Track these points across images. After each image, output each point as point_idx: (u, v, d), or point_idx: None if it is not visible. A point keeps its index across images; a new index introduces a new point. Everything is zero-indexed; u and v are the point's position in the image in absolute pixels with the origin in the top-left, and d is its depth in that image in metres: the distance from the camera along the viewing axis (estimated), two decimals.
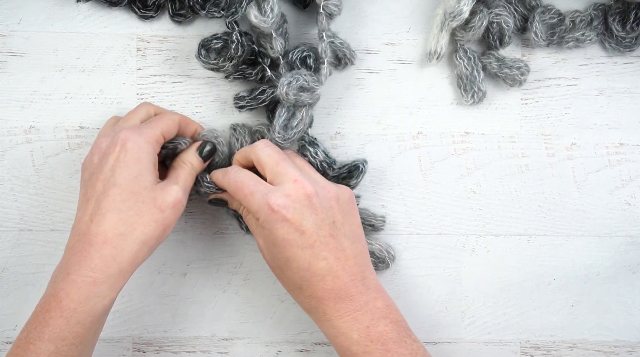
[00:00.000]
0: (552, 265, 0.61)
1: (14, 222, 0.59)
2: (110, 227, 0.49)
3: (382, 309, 0.51)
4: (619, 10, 0.59)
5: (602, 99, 0.61)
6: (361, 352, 0.50)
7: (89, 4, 0.59)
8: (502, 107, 0.61)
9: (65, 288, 0.49)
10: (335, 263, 0.51)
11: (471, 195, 0.61)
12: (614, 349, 0.62)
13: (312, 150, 0.56)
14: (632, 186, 0.61)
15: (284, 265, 0.51)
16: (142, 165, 0.51)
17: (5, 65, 0.59)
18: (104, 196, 0.50)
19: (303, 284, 0.51)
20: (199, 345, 0.60)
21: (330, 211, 0.52)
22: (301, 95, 0.54)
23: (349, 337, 0.50)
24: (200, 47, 0.57)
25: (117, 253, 0.49)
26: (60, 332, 0.48)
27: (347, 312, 0.50)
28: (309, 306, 0.52)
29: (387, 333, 0.50)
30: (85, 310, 0.49)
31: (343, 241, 0.52)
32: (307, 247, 0.50)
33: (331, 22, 0.57)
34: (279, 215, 0.50)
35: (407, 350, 0.50)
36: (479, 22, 0.57)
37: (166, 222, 0.51)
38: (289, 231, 0.50)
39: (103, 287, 0.49)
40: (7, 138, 0.59)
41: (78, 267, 0.49)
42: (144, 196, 0.50)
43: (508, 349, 0.61)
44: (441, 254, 0.61)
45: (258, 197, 0.51)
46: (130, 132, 0.51)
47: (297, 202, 0.50)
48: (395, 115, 0.61)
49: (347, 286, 0.51)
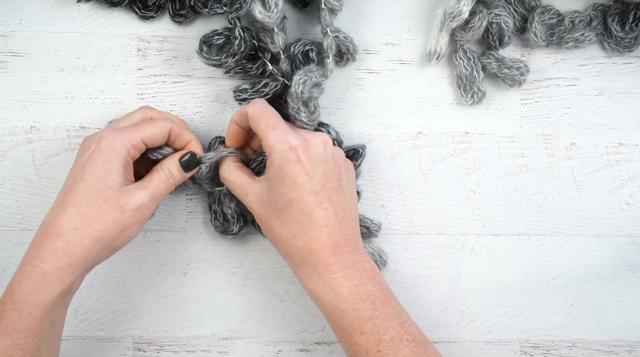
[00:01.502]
0: (551, 265, 0.61)
1: (14, 221, 0.60)
2: (67, 221, 0.49)
3: (369, 270, 0.52)
4: (618, 11, 0.59)
5: (601, 99, 0.61)
6: (350, 309, 0.50)
7: (90, 4, 0.59)
8: (502, 107, 0.61)
9: (18, 279, 0.49)
10: (333, 217, 0.51)
11: (471, 195, 0.61)
12: (613, 349, 0.62)
13: (324, 130, 0.58)
14: (631, 186, 0.61)
15: (285, 207, 0.51)
16: (112, 165, 0.51)
17: (6, 66, 0.59)
18: (69, 190, 0.50)
19: (299, 230, 0.51)
20: (199, 344, 0.61)
21: (339, 168, 0.53)
22: (312, 92, 0.55)
23: (338, 294, 0.51)
24: (202, 43, 0.57)
25: (68, 246, 0.49)
26: (14, 325, 0.48)
27: (337, 268, 0.51)
28: (299, 258, 0.52)
29: (375, 293, 0.51)
30: (35, 301, 0.48)
31: (344, 200, 0.52)
32: (312, 193, 0.51)
33: (334, 18, 0.57)
34: (294, 153, 0.51)
35: (393, 310, 0.51)
36: (479, 22, 0.58)
37: (125, 223, 0.51)
38: (299, 173, 0.51)
39: (52, 279, 0.49)
40: (8, 138, 0.59)
41: (31, 258, 0.49)
42: (107, 194, 0.50)
43: (508, 349, 0.61)
44: (441, 253, 0.61)
45: (279, 133, 0.52)
46: (108, 132, 0.52)
47: (313, 146, 0.52)
48: (395, 115, 0.61)
49: (340, 243, 0.51)
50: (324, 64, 0.57)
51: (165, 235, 0.60)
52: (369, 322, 0.50)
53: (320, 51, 0.57)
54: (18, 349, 0.48)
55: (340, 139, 0.59)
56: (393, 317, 0.51)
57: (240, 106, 0.58)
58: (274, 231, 0.52)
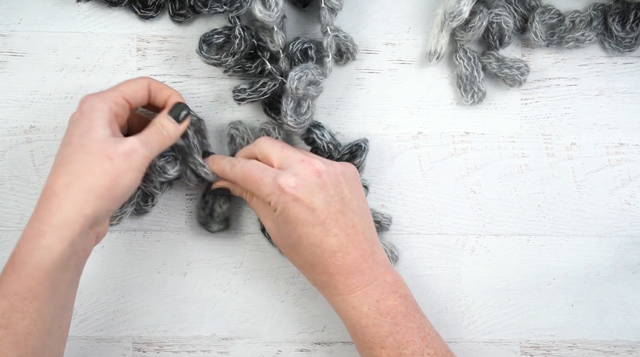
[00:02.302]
0: (552, 265, 0.61)
1: (14, 221, 0.59)
2: (57, 179, 0.49)
3: (391, 283, 0.52)
4: (619, 11, 0.59)
5: (602, 99, 0.61)
6: (371, 325, 0.51)
7: (89, 4, 0.59)
8: (502, 107, 0.61)
9: (18, 243, 0.49)
10: (345, 239, 0.51)
11: (471, 195, 0.61)
12: (613, 349, 0.62)
13: (318, 132, 0.57)
14: (632, 186, 0.61)
15: (295, 243, 0.52)
16: (94, 121, 0.50)
17: (5, 65, 0.59)
18: (58, 155, 0.50)
19: (315, 260, 0.52)
20: (199, 345, 0.61)
21: (339, 186, 0.53)
22: (309, 89, 0.55)
23: (359, 310, 0.51)
24: (202, 42, 0.57)
25: (62, 203, 0.48)
26: (13, 287, 0.47)
27: (357, 287, 0.51)
28: (320, 282, 0.53)
29: (397, 307, 0.51)
30: (34, 262, 0.47)
31: (352, 216, 0.52)
32: (318, 224, 0.51)
33: (334, 18, 0.57)
34: (289, 195, 0.51)
35: (415, 324, 0.51)
36: (479, 22, 0.57)
37: (117, 171, 0.49)
38: (300, 210, 0.51)
39: (49, 238, 0.48)
40: (7, 138, 0.59)
41: (29, 222, 0.49)
42: (92, 147, 0.50)
43: (508, 349, 0.61)
44: (441, 254, 0.61)
45: (268, 182, 0.52)
46: (88, 96, 0.52)
47: (306, 180, 0.51)
48: (395, 115, 0.61)
49: (357, 261, 0.52)
50: (323, 63, 0.56)
51: (165, 235, 0.60)
52: (389, 337, 0.51)
53: (319, 49, 0.57)
54: (16, 311, 0.47)
55: (336, 141, 0.58)
56: (415, 331, 0.51)
57: (238, 105, 0.59)
58: (293, 260, 0.54)
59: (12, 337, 0.47)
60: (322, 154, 0.57)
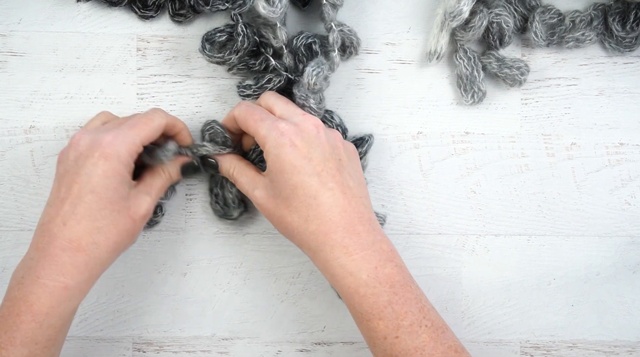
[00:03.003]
0: (552, 265, 0.61)
1: (14, 221, 0.59)
2: (85, 235, 0.49)
3: (387, 251, 0.51)
4: (619, 10, 0.59)
5: (602, 99, 0.61)
6: (369, 294, 0.49)
7: (89, 4, 0.59)
8: (502, 107, 0.61)
9: (36, 292, 0.48)
10: (341, 196, 0.50)
11: (471, 195, 0.61)
12: (613, 349, 0.62)
13: (327, 116, 0.58)
14: (632, 186, 0.61)
15: (291, 194, 0.50)
16: (121, 176, 0.51)
17: (5, 65, 0.59)
18: (79, 200, 0.50)
19: (310, 213, 0.50)
20: (199, 345, 0.60)
21: (337, 149, 0.52)
22: (323, 84, 0.55)
23: (357, 278, 0.49)
24: (204, 41, 0.57)
25: (90, 261, 0.50)
26: (33, 337, 0.48)
27: (355, 250, 0.50)
28: (315, 243, 0.50)
29: (394, 276, 0.50)
30: (57, 314, 0.49)
31: (348, 179, 0.52)
32: (314, 174, 0.50)
33: (336, 14, 0.57)
34: (287, 139, 0.50)
35: (412, 294, 0.50)
36: (479, 22, 0.57)
37: (135, 231, 0.52)
38: (297, 157, 0.50)
39: (74, 291, 0.50)
40: (7, 138, 0.59)
41: (49, 272, 0.49)
42: (120, 205, 0.51)
43: (508, 349, 0.61)
44: (441, 254, 0.61)
45: (268, 123, 0.52)
46: (112, 138, 0.50)
47: (305, 131, 0.51)
48: (395, 115, 0.61)
49: (354, 221, 0.50)
50: (329, 58, 0.56)
51: (165, 235, 0.60)
52: (387, 307, 0.49)
53: (323, 44, 0.57)
54: None
55: (344, 126, 0.59)
56: (412, 302, 0.49)
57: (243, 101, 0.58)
58: (286, 221, 0.51)
59: None
60: None
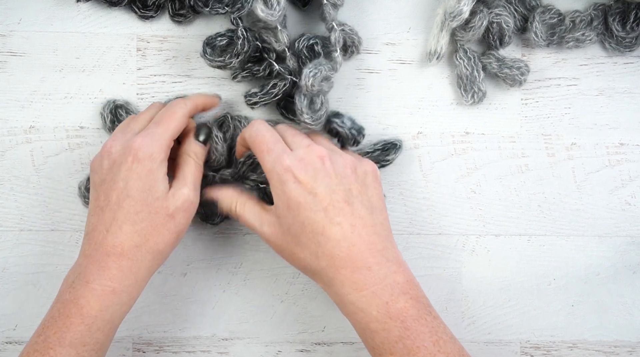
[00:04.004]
0: (552, 265, 0.61)
1: (14, 222, 0.59)
2: (126, 239, 0.50)
3: (402, 284, 0.50)
4: (619, 10, 0.59)
5: (602, 99, 0.61)
6: (380, 330, 0.49)
7: (89, 4, 0.59)
8: (502, 107, 0.61)
9: (86, 296, 0.50)
10: (349, 230, 0.50)
11: (471, 195, 0.61)
12: (614, 349, 0.62)
13: (338, 121, 0.56)
14: (632, 186, 0.61)
15: (299, 230, 0.50)
16: (154, 175, 0.51)
17: (5, 65, 0.59)
18: (118, 207, 0.51)
19: (319, 250, 0.50)
20: (199, 345, 0.60)
21: (346, 178, 0.51)
22: (322, 85, 0.54)
23: (368, 313, 0.49)
24: (205, 45, 0.57)
25: (133, 264, 0.51)
26: (82, 338, 0.49)
27: (365, 286, 0.49)
28: (326, 278, 0.50)
29: (407, 310, 0.49)
30: (106, 317, 0.50)
31: (359, 208, 0.51)
32: (320, 210, 0.50)
33: (337, 13, 0.57)
34: (290, 175, 0.50)
35: (426, 328, 0.49)
36: (479, 22, 0.57)
37: (178, 228, 0.52)
38: (301, 193, 0.50)
39: (122, 295, 0.51)
40: (7, 138, 0.59)
41: (97, 277, 0.50)
42: (156, 206, 0.51)
43: (508, 349, 0.61)
44: (441, 254, 0.61)
45: (273, 156, 0.51)
46: (142, 141, 0.51)
47: (309, 164, 0.51)
48: (395, 115, 0.61)
49: (364, 255, 0.49)
50: (331, 58, 0.56)
51: None
52: (399, 342, 0.48)
53: (325, 44, 0.57)
54: None
55: (357, 126, 0.57)
56: (426, 336, 0.49)
57: (251, 110, 0.59)
58: (297, 257, 0.52)
59: None
60: (346, 141, 0.57)
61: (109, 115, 0.58)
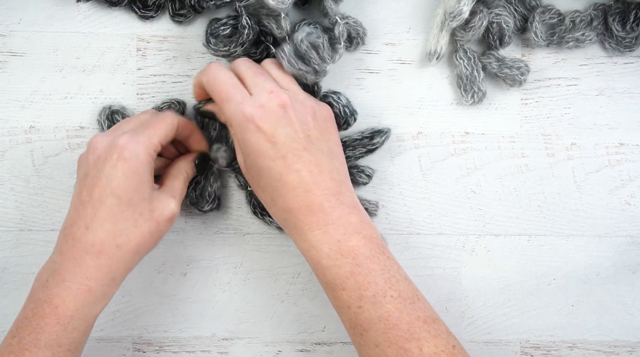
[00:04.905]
0: (552, 265, 0.61)
1: (14, 222, 0.60)
2: (107, 238, 0.50)
3: (355, 224, 0.50)
4: (619, 11, 0.59)
5: (602, 99, 0.61)
6: (331, 266, 0.50)
7: (89, 4, 0.59)
8: (502, 107, 0.61)
9: (61, 295, 0.49)
10: (307, 176, 0.50)
11: (471, 195, 0.61)
12: (613, 349, 0.62)
13: (334, 96, 0.57)
14: (632, 186, 0.61)
15: (257, 174, 0.51)
16: (140, 176, 0.50)
17: (5, 65, 0.59)
18: (100, 204, 0.50)
19: (275, 195, 0.51)
20: (199, 345, 0.61)
21: (306, 124, 0.51)
22: (311, 51, 0.54)
23: (319, 250, 0.50)
24: (209, 35, 0.56)
25: (113, 263, 0.50)
26: (57, 339, 0.49)
27: (318, 226, 0.50)
28: (281, 218, 0.52)
29: (359, 248, 0.50)
30: (81, 316, 0.49)
31: (318, 155, 0.51)
32: (278, 158, 0.50)
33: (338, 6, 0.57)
34: (252, 124, 0.50)
35: (378, 266, 0.50)
36: (479, 22, 0.57)
37: (160, 234, 0.52)
38: (260, 141, 0.50)
39: (97, 294, 0.50)
40: (7, 138, 0.59)
41: (73, 275, 0.49)
42: (142, 207, 0.51)
43: (508, 349, 0.61)
44: (441, 254, 0.61)
45: (233, 105, 0.51)
46: (128, 139, 0.50)
47: (271, 112, 0.50)
48: (395, 115, 0.61)
49: (319, 199, 0.50)
50: (335, 49, 0.56)
51: (165, 235, 0.60)
52: (350, 278, 0.49)
53: (325, 32, 0.57)
54: None
55: (352, 107, 0.57)
56: (377, 273, 0.49)
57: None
58: (259, 195, 0.53)
59: None
60: (338, 118, 0.57)
61: (106, 121, 0.58)
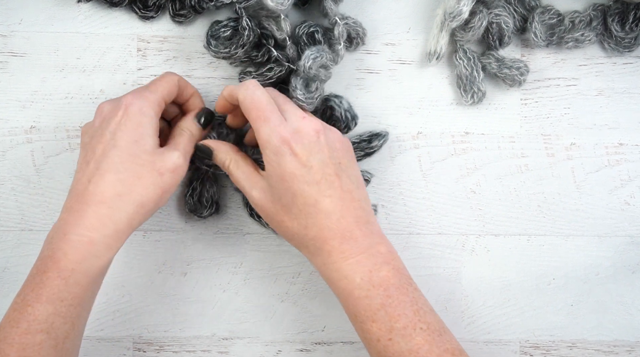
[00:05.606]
0: (551, 265, 0.61)
1: (14, 222, 0.60)
2: (108, 188, 0.49)
3: (385, 254, 0.51)
4: (618, 11, 0.59)
5: (601, 99, 0.61)
6: (363, 297, 0.50)
7: (90, 4, 0.59)
8: (502, 107, 0.61)
9: (63, 248, 0.48)
10: (340, 203, 0.51)
11: (471, 195, 0.61)
12: (613, 349, 0.62)
13: (336, 100, 0.57)
14: (631, 186, 0.61)
15: (290, 203, 0.51)
16: (143, 129, 0.51)
17: (6, 66, 0.59)
18: (103, 157, 0.50)
19: (309, 222, 0.51)
20: (199, 345, 0.61)
21: (336, 151, 0.52)
22: (320, 71, 0.55)
23: (352, 280, 0.50)
24: (209, 37, 0.57)
25: (114, 213, 0.49)
26: (59, 293, 0.48)
27: (351, 255, 0.50)
28: (314, 248, 0.51)
29: (389, 279, 0.50)
30: (83, 270, 0.48)
31: (348, 183, 0.52)
32: (313, 183, 0.50)
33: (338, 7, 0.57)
34: (287, 147, 0.50)
35: (407, 297, 0.50)
36: (479, 22, 0.58)
37: (165, 187, 0.51)
38: (296, 166, 0.50)
39: (99, 247, 0.49)
40: (7, 138, 0.59)
41: (74, 227, 0.49)
42: (144, 159, 0.50)
43: (508, 349, 0.61)
44: (441, 254, 0.61)
45: (271, 126, 0.51)
46: (133, 97, 0.51)
47: (306, 137, 0.51)
48: (395, 115, 0.61)
49: (352, 226, 0.51)
50: (334, 50, 0.56)
51: (165, 235, 0.60)
52: (381, 310, 0.49)
53: (326, 33, 0.57)
54: (60, 316, 0.48)
55: (353, 111, 0.58)
56: (407, 305, 0.50)
57: None
58: (286, 226, 0.52)
59: (53, 341, 0.48)
60: (339, 123, 0.57)
61: None
